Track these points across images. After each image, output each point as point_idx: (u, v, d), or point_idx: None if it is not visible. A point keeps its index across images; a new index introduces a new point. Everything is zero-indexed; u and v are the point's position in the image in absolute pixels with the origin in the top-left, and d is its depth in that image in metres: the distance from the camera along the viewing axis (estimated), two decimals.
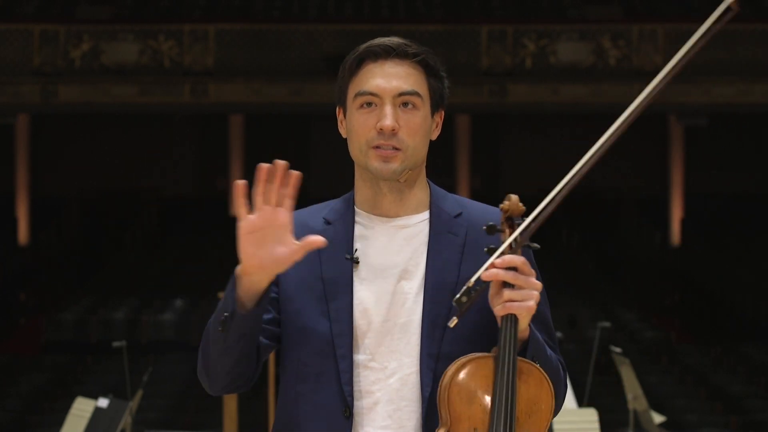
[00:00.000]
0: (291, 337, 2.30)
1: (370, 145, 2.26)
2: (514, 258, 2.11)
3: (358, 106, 2.28)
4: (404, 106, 2.26)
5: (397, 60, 2.28)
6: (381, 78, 2.27)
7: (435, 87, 2.31)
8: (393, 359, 2.25)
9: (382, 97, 2.26)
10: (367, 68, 2.29)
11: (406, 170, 2.27)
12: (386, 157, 2.25)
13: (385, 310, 2.26)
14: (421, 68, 2.30)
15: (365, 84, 2.27)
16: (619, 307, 15.65)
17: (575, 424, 6.50)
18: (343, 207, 2.36)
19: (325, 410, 2.25)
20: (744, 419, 11.19)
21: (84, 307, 15.40)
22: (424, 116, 2.28)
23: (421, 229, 2.32)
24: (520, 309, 2.11)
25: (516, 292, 2.11)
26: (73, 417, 6.87)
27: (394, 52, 2.28)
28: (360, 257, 2.30)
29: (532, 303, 2.11)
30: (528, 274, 2.12)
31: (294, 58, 16.93)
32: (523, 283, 2.11)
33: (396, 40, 2.30)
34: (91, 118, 19.05)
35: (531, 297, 2.11)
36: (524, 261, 2.12)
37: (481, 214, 2.34)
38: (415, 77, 2.28)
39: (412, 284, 2.28)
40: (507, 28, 17.13)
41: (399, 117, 2.25)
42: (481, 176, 19.72)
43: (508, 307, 2.11)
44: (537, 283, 2.13)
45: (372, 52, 2.29)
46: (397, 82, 2.26)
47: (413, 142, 2.26)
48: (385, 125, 2.23)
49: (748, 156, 19.96)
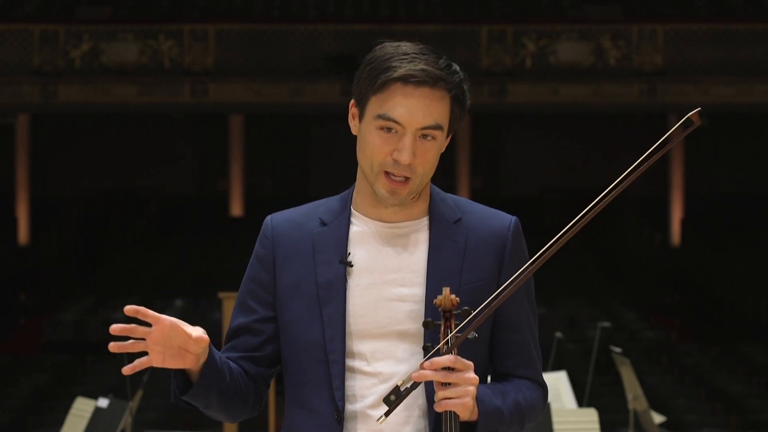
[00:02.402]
0: (287, 342, 2.30)
1: (381, 168, 2.23)
2: (443, 359, 2.12)
3: (377, 127, 2.22)
4: (423, 137, 2.22)
5: (428, 89, 2.20)
6: (407, 108, 2.20)
7: (456, 115, 2.26)
8: (388, 365, 2.25)
9: (405, 127, 2.20)
10: (395, 91, 2.20)
11: (413, 194, 2.26)
12: (395, 188, 2.23)
13: (381, 315, 2.24)
14: (450, 97, 2.23)
15: (390, 109, 2.20)
16: (619, 307, 15.64)
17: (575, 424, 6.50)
18: (340, 207, 2.33)
19: (318, 415, 2.25)
20: (744, 419, 11.19)
21: (84, 307, 15.40)
22: (440, 146, 2.25)
23: (421, 235, 2.30)
24: (455, 406, 2.13)
25: (450, 391, 2.12)
26: (73, 417, 6.87)
27: (424, 83, 2.20)
28: (355, 261, 2.28)
29: (468, 399, 2.13)
30: (462, 369, 2.13)
31: (294, 58, 16.93)
32: (456, 380, 2.12)
33: (430, 69, 2.20)
34: (91, 118, 19.06)
35: (466, 393, 2.13)
36: (455, 359, 2.12)
37: (481, 219, 2.32)
38: (441, 108, 2.22)
39: (410, 291, 2.26)
40: (507, 28, 17.14)
41: (417, 148, 2.21)
42: (481, 176, 19.72)
43: (443, 405, 2.13)
44: (472, 379, 2.13)
45: (403, 78, 2.19)
46: (422, 115, 2.20)
47: (424, 170, 2.24)
48: (403, 160, 2.20)
49: (748, 156, 19.96)
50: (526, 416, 2.27)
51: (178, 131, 20.21)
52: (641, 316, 15.52)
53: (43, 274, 18.18)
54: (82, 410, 6.85)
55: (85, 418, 6.72)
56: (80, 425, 6.71)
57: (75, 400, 7.09)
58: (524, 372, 2.31)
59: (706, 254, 18.14)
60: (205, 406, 2.27)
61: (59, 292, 17.55)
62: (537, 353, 2.33)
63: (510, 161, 20.33)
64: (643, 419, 7.70)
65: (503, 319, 2.30)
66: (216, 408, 2.28)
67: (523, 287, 2.30)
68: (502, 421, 2.22)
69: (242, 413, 2.34)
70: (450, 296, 2.14)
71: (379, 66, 2.22)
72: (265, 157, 20.11)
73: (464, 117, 2.30)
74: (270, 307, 2.32)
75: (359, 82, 2.26)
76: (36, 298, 17.62)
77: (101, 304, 15.42)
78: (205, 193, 20.29)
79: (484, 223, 2.29)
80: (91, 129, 19.73)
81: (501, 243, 2.30)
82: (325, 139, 19.59)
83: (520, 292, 2.29)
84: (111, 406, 6.69)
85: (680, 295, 17.93)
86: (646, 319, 15.37)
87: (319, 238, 2.30)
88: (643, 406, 7.65)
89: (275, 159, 20.22)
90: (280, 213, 2.38)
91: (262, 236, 2.36)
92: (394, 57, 2.22)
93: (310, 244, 2.30)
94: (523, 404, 2.26)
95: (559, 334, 8.35)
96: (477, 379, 2.14)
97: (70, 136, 19.82)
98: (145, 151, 20.19)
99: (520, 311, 2.31)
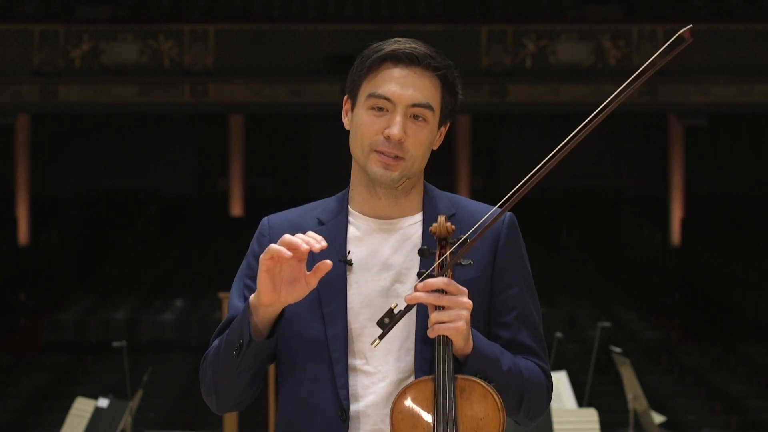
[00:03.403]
0: (287, 341, 2.29)
1: (372, 148, 2.25)
2: (436, 281, 2.11)
3: (369, 107, 2.26)
4: (415, 117, 2.25)
5: (419, 70, 2.26)
6: (398, 85, 2.24)
7: (448, 102, 2.30)
8: (386, 363, 2.24)
9: (396, 104, 2.24)
10: (387, 70, 2.26)
11: (405, 179, 2.27)
12: (387, 164, 2.24)
13: (379, 313, 2.23)
14: (440, 82, 2.28)
15: (381, 87, 2.25)
16: (619, 307, 15.64)
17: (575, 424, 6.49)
18: (337, 207, 2.34)
19: (322, 413, 2.24)
20: (744, 419, 11.19)
21: (84, 307, 15.39)
22: (431, 129, 2.27)
23: (415, 231, 2.31)
24: (448, 330, 2.11)
25: (443, 314, 2.11)
26: (73, 417, 6.87)
27: (418, 61, 2.25)
28: (353, 259, 2.28)
29: (461, 323, 2.11)
30: (455, 293, 2.12)
31: (294, 58, 16.92)
32: (449, 303, 2.11)
33: (422, 49, 2.27)
34: (91, 118, 19.06)
35: (459, 317, 2.11)
36: (448, 281, 2.11)
37: (475, 214, 2.32)
38: (432, 90, 2.27)
39: (405, 287, 2.26)
40: (507, 28, 17.14)
41: (408, 127, 2.24)
42: (481, 176, 19.72)
43: (436, 329, 2.11)
44: (465, 303, 2.12)
45: (396, 55, 2.26)
46: (413, 92, 2.24)
47: (416, 152, 2.25)
48: (393, 134, 2.22)
49: (748, 156, 19.96)
50: (526, 387, 2.23)
51: (178, 131, 20.21)
52: (641, 316, 15.52)
53: (43, 274, 18.18)
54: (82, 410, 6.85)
55: (85, 418, 6.72)
56: (80, 425, 6.71)
57: (75, 400, 7.09)
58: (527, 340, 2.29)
59: (706, 254, 18.14)
60: (238, 374, 2.22)
61: (59, 292, 17.55)
62: (541, 345, 2.31)
63: (510, 161, 20.33)
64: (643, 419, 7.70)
65: (501, 309, 2.29)
66: (247, 376, 2.24)
67: (522, 283, 2.30)
68: (499, 372, 2.18)
69: (248, 398, 2.31)
70: (445, 224, 2.16)
71: (369, 54, 2.28)
72: (265, 157, 20.11)
73: (456, 108, 2.33)
74: None
75: (352, 74, 2.31)
76: (36, 298, 17.62)
77: (101, 304, 15.42)
78: (205, 193, 20.29)
79: (478, 218, 2.29)
80: (91, 129, 19.73)
81: (495, 237, 2.30)
82: (325, 139, 19.59)
83: (521, 287, 2.29)
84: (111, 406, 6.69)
85: (680, 295, 17.93)
86: (646, 319, 15.37)
87: None
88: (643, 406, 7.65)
89: (275, 159, 20.22)
90: (276, 214, 2.39)
91: (259, 235, 2.37)
92: (385, 43, 2.29)
93: None
94: (525, 373, 2.24)
95: (559, 334, 8.35)
96: (470, 304, 2.13)
97: (70, 136, 19.82)
98: (145, 151, 20.20)
99: (518, 301, 2.30)
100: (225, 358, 2.22)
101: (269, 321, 2.19)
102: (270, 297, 2.15)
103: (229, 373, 2.23)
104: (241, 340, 2.18)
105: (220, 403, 2.31)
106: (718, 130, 18.95)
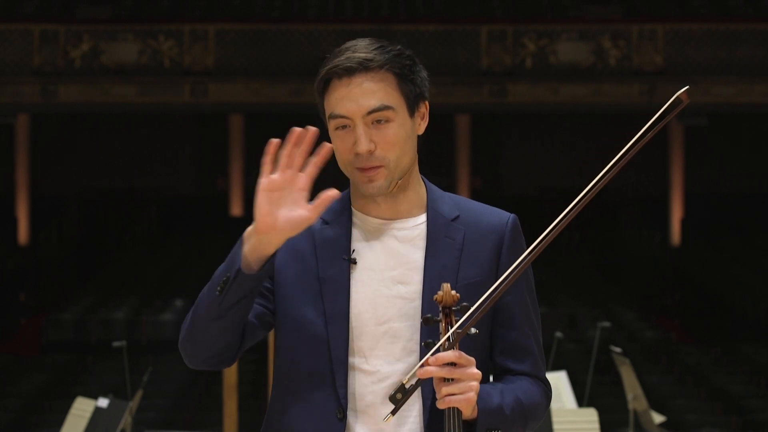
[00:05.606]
0: (286, 334, 2.29)
1: (352, 167, 2.24)
2: (447, 354, 2.11)
3: (333, 128, 2.25)
4: (377, 122, 2.22)
5: (363, 76, 2.22)
6: (348, 99, 2.21)
7: (409, 89, 2.25)
8: (386, 363, 2.24)
9: (353, 119, 2.22)
10: (335, 88, 2.23)
11: (394, 182, 2.25)
12: (370, 177, 2.23)
13: (381, 313, 2.24)
14: (392, 74, 2.23)
15: (335, 106, 2.23)
16: (619, 307, 15.65)
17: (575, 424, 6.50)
18: (341, 206, 2.33)
19: (319, 411, 2.24)
20: (744, 419, 11.18)
21: (84, 307, 15.40)
22: (399, 125, 2.23)
23: (418, 232, 2.30)
24: (459, 402, 2.12)
25: (454, 387, 2.12)
26: (73, 417, 6.86)
27: (358, 69, 2.22)
28: (357, 259, 2.28)
29: (472, 394, 2.13)
30: (465, 364, 2.13)
31: (294, 58, 16.92)
32: (460, 376, 2.12)
33: (359, 54, 2.22)
34: (91, 118, 19.06)
35: (470, 389, 2.12)
36: (459, 354, 2.12)
37: (479, 216, 2.31)
38: (384, 89, 2.22)
39: (408, 288, 2.26)
40: (507, 28, 17.14)
41: (373, 135, 2.21)
42: (481, 176, 19.72)
43: (447, 401, 2.12)
44: (475, 374, 2.13)
45: (336, 72, 2.23)
46: (365, 100, 2.21)
47: (393, 154, 2.23)
48: (361, 150, 2.21)
49: (748, 156, 19.96)
50: (529, 414, 2.26)
51: (178, 131, 20.21)
52: (641, 316, 15.52)
53: (43, 274, 18.19)
54: (82, 410, 6.85)
55: (85, 418, 6.72)
56: (80, 425, 6.71)
57: (75, 400, 7.08)
58: (525, 368, 2.30)
59: (706, 254, 18.15)
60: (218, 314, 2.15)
61: (59, 292, 17.55)
62: (539, 349, 2.32)
63: (510, 161, 20.33)
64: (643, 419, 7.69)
65: (502, 314, 2.30)
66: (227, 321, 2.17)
67: (523, 283, 2.30)
68: (503, 418, 2.21)
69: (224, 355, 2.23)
70: (450, 292, 2.15)
71: (319, 74, 2.27)
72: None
73: (422, 87, 2.27)
74: (267, 291, 2.29)
75: (315, 95, 2.31)
76: (36, 298, 17.63)
77: (101, 304, 15.42)
78: (205, 193, 20.29)
79: (482, 220, 2.29)
80: (91, 129, 19.74)
81: (498, 239, 2.30)
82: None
83: (520, 287, 2.29)
84: (111, 406, 6.68)
85: (680, 295, 17.93)
86: (646, 319, 15.37)
87: (321, 235, 2.30)
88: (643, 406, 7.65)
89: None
90: None
91: None
92: (329, 60, 2.26)
93: (311, 241, 2.29)
94: (525, 401, 2.25)
95: (559, 334, 8.34)
96: (480, 375, 2.14)
97: (70, 136, 19.82)
98: (145, 151, 20.20)
99: (519, 306, 2.30)
100: (208, 297, 2.18)
101: (261, 255, 2.14)
102: (266, 221, 2.11)
103: (210, 315, 2.17)
104: (228, 274, 2.16)
105: (195, 352, 2.23)
106: (718, 130, 18.95)
